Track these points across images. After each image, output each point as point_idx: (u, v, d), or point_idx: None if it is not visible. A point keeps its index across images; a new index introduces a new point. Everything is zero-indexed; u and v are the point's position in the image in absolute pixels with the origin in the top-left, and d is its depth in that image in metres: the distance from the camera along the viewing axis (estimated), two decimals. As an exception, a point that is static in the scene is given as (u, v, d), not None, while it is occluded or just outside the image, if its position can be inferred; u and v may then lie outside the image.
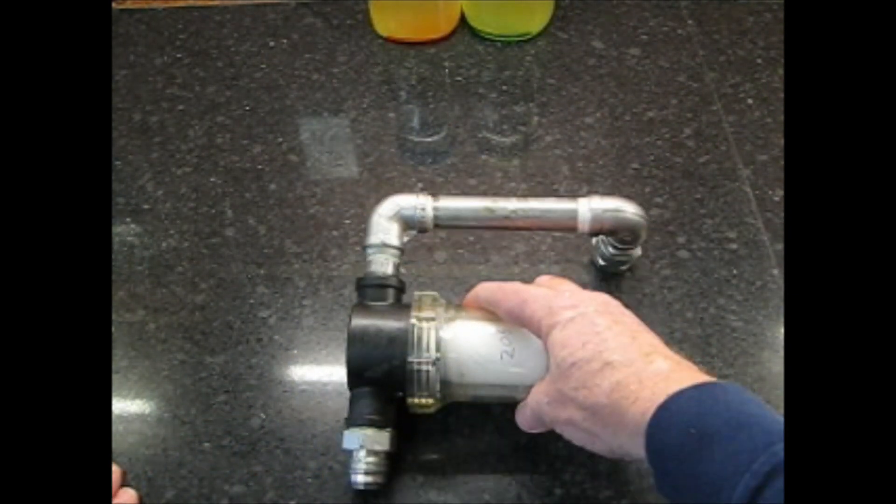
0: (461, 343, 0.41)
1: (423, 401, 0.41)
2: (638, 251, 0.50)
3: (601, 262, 0.51)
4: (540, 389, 0.38)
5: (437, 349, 0.40)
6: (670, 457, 0.31)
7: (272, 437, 0.45)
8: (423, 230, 0.46)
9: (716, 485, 0.29)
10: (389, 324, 0.41)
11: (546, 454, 0.44)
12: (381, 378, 0.40)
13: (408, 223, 0.45)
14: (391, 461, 0.42)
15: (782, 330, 0.49)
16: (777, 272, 0.51)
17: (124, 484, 0.43)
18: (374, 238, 0.45)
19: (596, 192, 0.48)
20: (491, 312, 0.42)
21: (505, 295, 0.40)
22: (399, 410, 0.42)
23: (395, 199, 0.46)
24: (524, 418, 0.41)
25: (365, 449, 0.40)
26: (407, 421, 0.45)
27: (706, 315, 0.49)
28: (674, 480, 0.32)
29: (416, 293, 0.43)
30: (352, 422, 0.41)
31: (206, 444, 0.45)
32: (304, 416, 0.46)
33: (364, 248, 0.45)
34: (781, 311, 0.49)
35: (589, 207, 0.45)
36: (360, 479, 0.41)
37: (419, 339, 0.40)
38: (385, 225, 0.45)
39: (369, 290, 0.43)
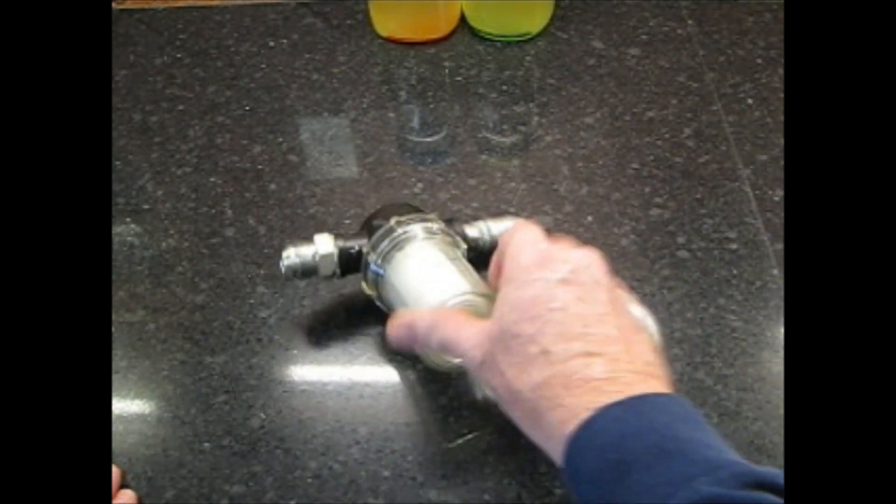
0: (406, 270, 0.44)
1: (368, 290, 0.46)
2: None
3: None
4: (474, 339, 0.35)
5: (384, 259, 0.45)
6: (586, 481, 0.29)
7: (272, 437, 0.45)
8: None
9: None
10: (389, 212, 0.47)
11: (546, 454, 0.44)
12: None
13: None
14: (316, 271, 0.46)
15: (782, 330, 0.49)
16: (777, 272, 0.51)
17: (124, 484, 0.43)
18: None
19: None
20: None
21: (514, 236, 0.37)
22: (399, 409, 0.42)
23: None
24: (402, 333, 0.38)
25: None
26: (407, 421, 0.46)
27: (706, 315, 0.49)
28: None
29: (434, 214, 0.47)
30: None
31: (206, 444, 0.45)
32: (304, 416, 0.46)
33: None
34: (781, 311, 0.49)
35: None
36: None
37: (381, 238, 0.45)
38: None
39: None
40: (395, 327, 0.39)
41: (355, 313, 0.51)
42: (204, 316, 0.51)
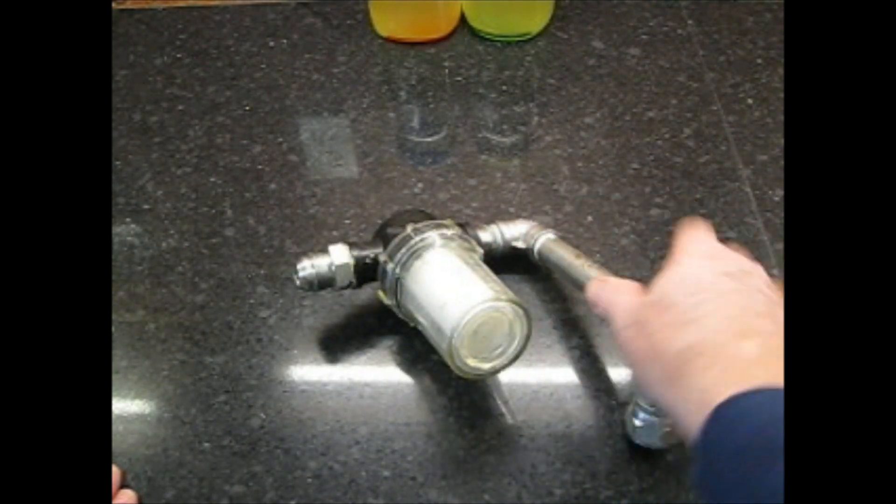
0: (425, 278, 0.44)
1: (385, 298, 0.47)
2: None
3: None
4: (627, 304, 0.37)
5: (401, 267, 0.44)
6: (730, 454, 0.29)
7: (272, 437, 0.45)
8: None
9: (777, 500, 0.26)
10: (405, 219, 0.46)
11: (546, 454, 0.44)
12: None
13: None
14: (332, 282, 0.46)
15: (782, 330, 0.49)
16: (777, 272, 0.51)
17: (124, 484, 0.43)
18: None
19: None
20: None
21: (689, 230, 0.39)
22: (399, 409, 0.42)
23: None
24: (602, 298, 0.40)
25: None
26: (407, 421, 0.46)
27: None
28: (722, 481, 0.29)
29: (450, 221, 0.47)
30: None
31: (206, 444, 0.45)
32: (304, 416, 0.46)
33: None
34: (781, 311, 0.49)
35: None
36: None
37: (398, 247, 0.45)
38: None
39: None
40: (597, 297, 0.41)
41: (355, 314, 0.51)
42: (204, 316, 0.51)
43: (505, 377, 0.47)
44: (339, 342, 0.50)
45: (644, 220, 0.55)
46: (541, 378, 0.47)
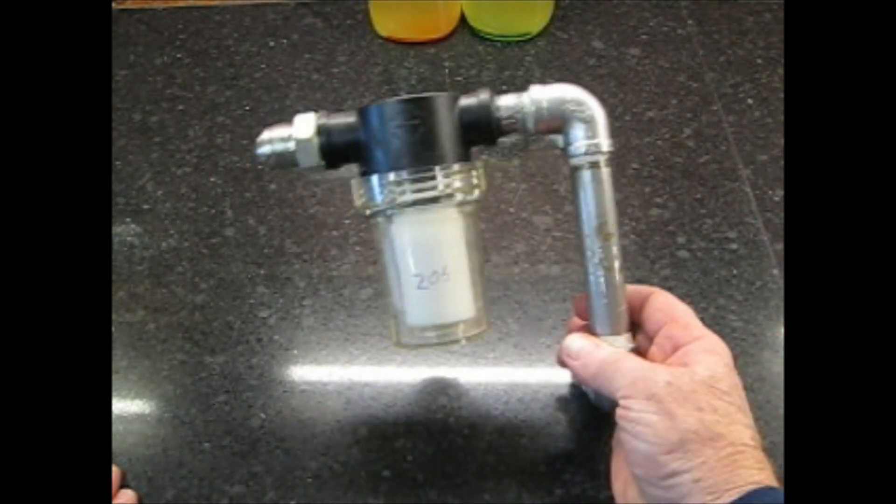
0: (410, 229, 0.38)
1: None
2: None
3: None
4: (641, 373, 0.35)
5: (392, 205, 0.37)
6: None
7: (272, 437, 0.45)
8: None
9: None
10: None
11: (546, 454, 0.44)
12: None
13: None
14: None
15: (782, 330, 0.49)
16: (777, 272, 0.51)
17: (124, 484, 0.43)
18: None
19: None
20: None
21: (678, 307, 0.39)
22: (399, 409, 0.42)
23: None
24: (582, 366, 0.37)
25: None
26: (407, 421, 0.45)
27: (706, 315, 0.49)
28: None
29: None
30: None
31: (206, 444, 0.45)
32: (304, 416, 0.46)
33: None
34: (781, 311, 0.49)
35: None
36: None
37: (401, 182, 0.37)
38: None
39: None
40: (567, 359, 0.39)
41: (355, 313, 0.51)
42: (204, 316, 0.51)
43: (505, 377, 0.47)
44: (339, 342, 0.50)
45: (644, 220, 0.55)
46: (541, 378, 0.47)
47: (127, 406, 0.47)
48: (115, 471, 0.43)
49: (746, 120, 0.61)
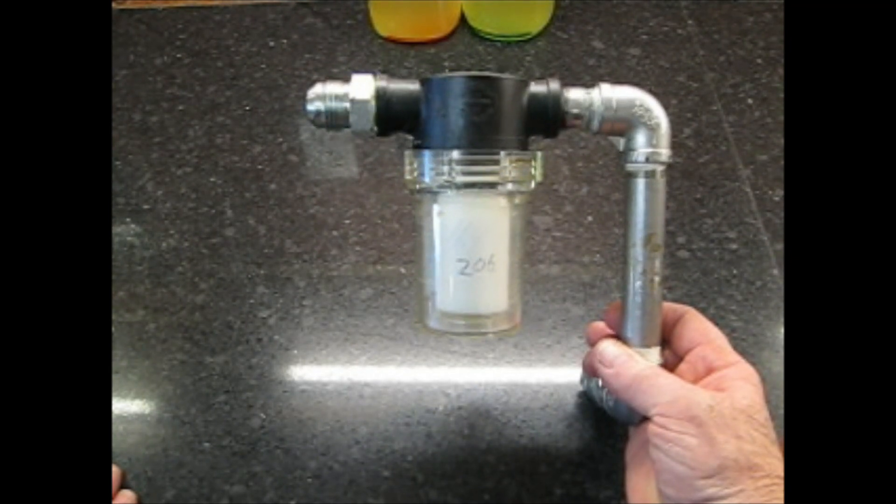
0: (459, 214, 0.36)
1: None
2: None
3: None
4: (680, 392, 0.34)
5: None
6: None
7: (272, 437, 0.45)
8: None
9: None
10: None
11: (546, 454, 0.44)
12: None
13: None
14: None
15: (782, 330, 0.49)
16: (777, 272, 0.51)
17: (124, 484, 0.43)
18: None
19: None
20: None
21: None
22: (399, 409, 0.42)
23: None
24: (615, 375, 0.36)
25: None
26: (407, 421, 0.45)
27: (706, 315, 0.49)
28: None
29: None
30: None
31: (206, 444, 0.45)
32: (304, 416, 0.46)
33: None
34: (781, 311, 0.49)
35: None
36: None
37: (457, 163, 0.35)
38: None
39: None
40: (600, 366, 0.38)
41: (355, 313, 0.51)
42: (204, 316, 0.51)
43: (505, 377, 0.47)
44: (339, 342, 0.50)
45: (644, 220, 0.55)
46: (541, 378, 0.47)
47: (127, 406, 0.47)
48: (115, 471, 0.43)
49: (746, 120, 0.61)
